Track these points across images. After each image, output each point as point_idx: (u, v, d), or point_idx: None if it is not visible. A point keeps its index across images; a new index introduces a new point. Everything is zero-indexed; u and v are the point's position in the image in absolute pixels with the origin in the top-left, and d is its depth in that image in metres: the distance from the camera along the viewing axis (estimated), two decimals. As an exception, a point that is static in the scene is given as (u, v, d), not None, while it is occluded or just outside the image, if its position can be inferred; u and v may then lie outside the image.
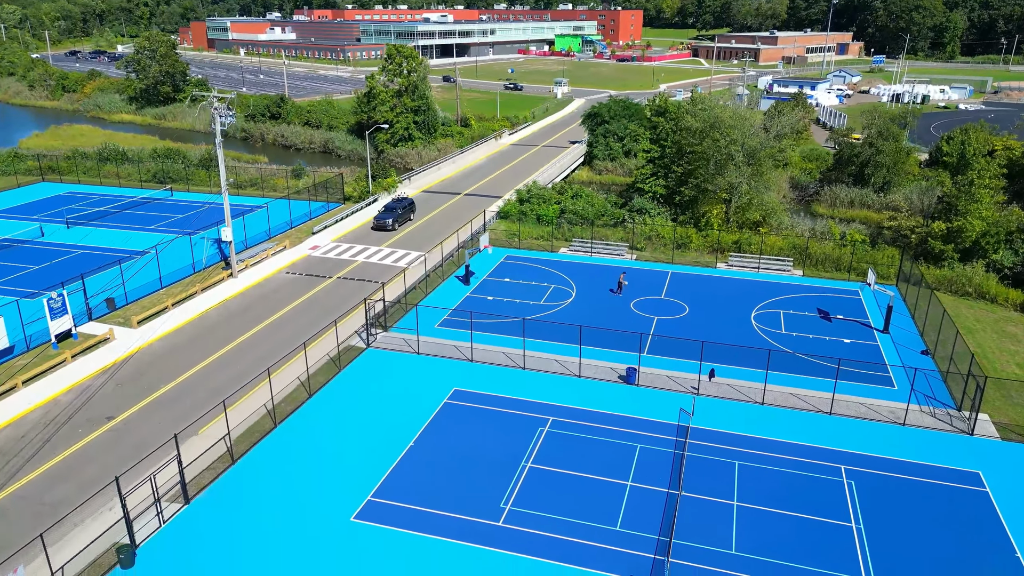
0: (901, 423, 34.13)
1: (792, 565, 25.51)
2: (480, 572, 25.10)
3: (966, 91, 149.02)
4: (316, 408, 35.23)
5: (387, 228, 61.13)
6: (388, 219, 61.44)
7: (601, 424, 33.87)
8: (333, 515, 27.87)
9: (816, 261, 54.14)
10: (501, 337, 42.30)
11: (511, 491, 29.26)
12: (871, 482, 29.92)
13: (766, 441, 32.64)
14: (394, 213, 62.20)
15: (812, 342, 41.98)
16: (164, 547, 26.25)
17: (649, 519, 27.79)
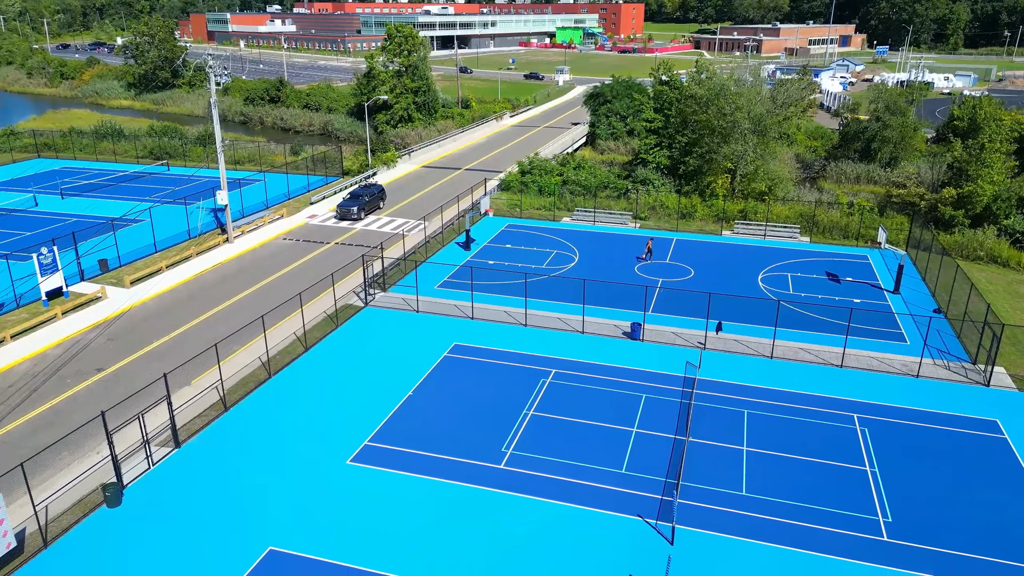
0: (914, 375, 33.10)
1: (806, 506, 24.48)
2: (481, 512, 24.08)
3: (970, 79, 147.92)
4: (312, 361, 34.23)
5: (351, 217, 54.99)
6: (353, 207, 55.10)
7: (605, 376, 32.86)
8: (328, 458, 26.87)
9: (823, 229, 53.12)
10: (502, 297, 41.32)
11: (512, 437, 28.26)
12: (885, 429, 28.89)
13: (775, 392, 31.61)
14: (360, 200, 55.92)
15: (821, 302, 40.94)
16: (153, 488, 25.25)
17: (655, 463, 26.77)
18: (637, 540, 22.89)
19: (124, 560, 21.92)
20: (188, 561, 21.87)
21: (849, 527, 23.50)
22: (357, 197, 56.06)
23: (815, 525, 23.58)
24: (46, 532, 23.03)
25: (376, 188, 58.64)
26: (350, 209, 54.89)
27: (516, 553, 22.28)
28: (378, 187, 59.01)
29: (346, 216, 54.95)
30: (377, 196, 58.17)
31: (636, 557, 22.20)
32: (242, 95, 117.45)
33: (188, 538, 22.82)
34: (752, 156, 56.26)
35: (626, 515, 24.01)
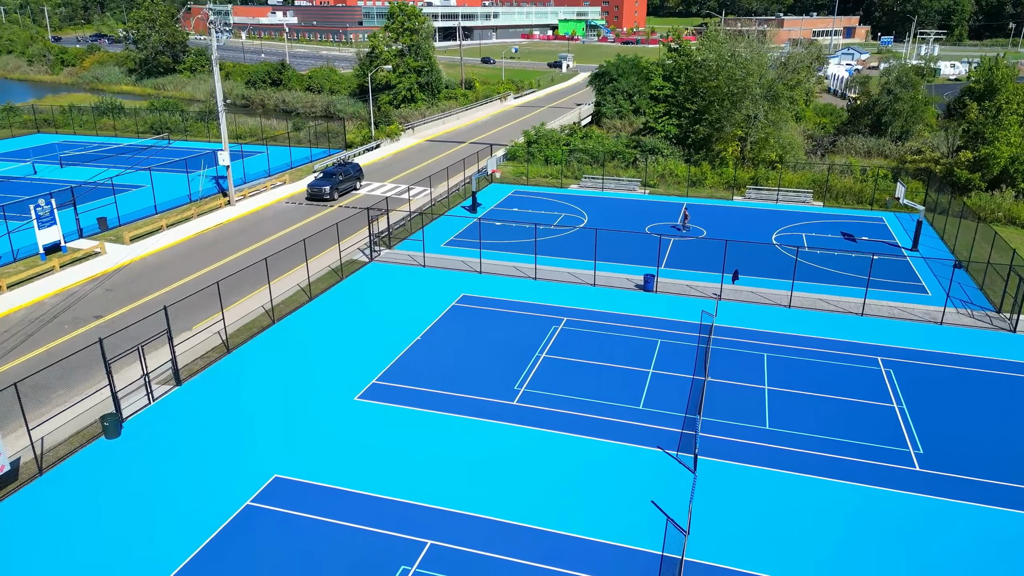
0: (938, 323, 32.09)
1: (833, 439, 23.48)
2: (495, 444, 23.08)
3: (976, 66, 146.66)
4: (316, 309, 33.26)
5: (323, 198, 50.10)
6: (325, 186, 49.99)
7: (618, 323, 31.87)
8: (335, 396, 25.90)
9: (836, 194, 52.11)
10: (510, 254, 40.37)
11: (525, 377, 27.27)
12: (911, 371, 27.89)
13: (795, 337, 30.62)
14: (333, 180, 50.65)
15: (838, 259, 39.94)
16: (153, 421, 24.28)
17: (674, 400, 25.78)
18: (658, 469, 21.90)
19: (123, 486, 20.95)
20: (190, 488, 20.90)
21: (879, 458, 22.51)
22: (330, 176, 51.13)
23: (844, 456, 22.59)
24: (41, 461, 22.05)
25: (352, 167, 53.71)
26: (321, 189, 49.99)
27: (531, 481, 21.29)
28: (354, 166, 54.16)
29: (317, 196, 50.15)
30: (353, 176, 53.13)
31: (657, 485, 21.21)
32: (243, 78, 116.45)
33: (190, 467, 21.85)
34: (763, 123, 55.24)
35: (646, 446, 23.02)
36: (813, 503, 20.41)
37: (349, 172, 52.69)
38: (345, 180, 51.92)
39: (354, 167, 53.74)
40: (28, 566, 18.00)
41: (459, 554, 18.49)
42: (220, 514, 19.83)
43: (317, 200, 50.35)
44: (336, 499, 20.50)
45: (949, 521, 19.80)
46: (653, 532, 19.30)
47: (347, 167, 52.94)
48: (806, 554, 18.50)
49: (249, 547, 18.65)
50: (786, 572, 17.93)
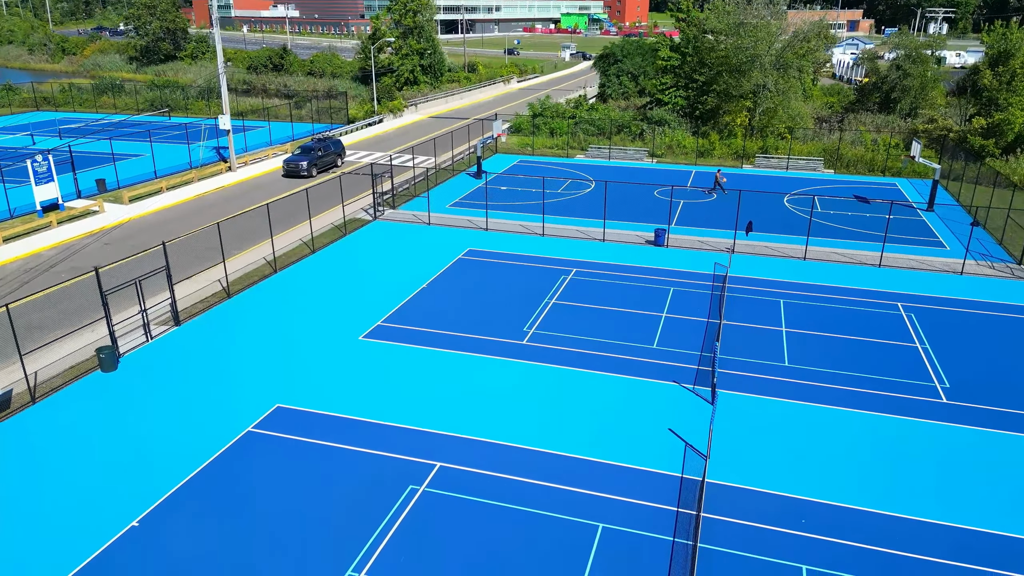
0: (958, 273, 31.23)
1: (856, 374, 22.62)
2: (503, 378, 22.21)
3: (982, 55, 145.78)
4: (319, 261, 32.45)
5: (300, 174, 46.77)
6: (302, 161, 46.70)
7: (629, 274, 31.03)
8: (339, 336, 25.06)
9: (847, 163, 51.23)
10: (517, 214, 39.55)
11: (534, 319, 26.43)
12: (933, 315, 27.02)
13: (811, 285, 29.77)
14: (311, 155, 47.35)
15: (852, 218, 39.10)
16: (151, 357, 23.45)
17: (689, 339, 24.94)
18: (675, 402, 21.04)
19: (119, 415, 20.11)
20: (188, 417, 20.06)
21: (904, 391, 21.65)
22: (308, 151, 47.84)
23: (867, 389, 21.73)
24: (35, 391, 21.22)
25: (333, 143, 50.25)
26: (299, 164, 46.63)
27: (543, 412, 20.43)
28: (335, 142, 50.66)
29: (293, 173, 46.81)
30: (334, 152, 49.66)
31: (675, 415, 20.35)
32: (245, 64, 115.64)
33: (189, 398, 21.02)
34: (772, 92, 54.36)
35: (661, 380, 22.16)
36: (836, 431, 19.56)
37: (329, 148, 49.34)
38: (325, 156, 48.64)
39: (335, 143, 50.32)
40: (18, 488, 17.17)
41: (470, 475, 17.65)
42: (219, 440, 19.01)
43: (294, 176, 46.94)
44: (341, 426, 19.68)
45: (978, 448, 18.93)
46: (671, 458, 18.45)
47: (327, 142, 49.51)
48: (831, 477, 17.66)
49: (250, 468, 17.82)
50: (811, 493, 17.07)
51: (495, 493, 17.00)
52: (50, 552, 15.11)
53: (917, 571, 14.77)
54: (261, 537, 15.55)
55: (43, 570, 14.65)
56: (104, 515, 16.18)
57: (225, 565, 14.78)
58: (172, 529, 15.79)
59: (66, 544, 15.32)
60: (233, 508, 16.43)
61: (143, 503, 16.59)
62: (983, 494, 17.11)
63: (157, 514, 16.26)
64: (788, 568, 14.81)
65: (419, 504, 16.64)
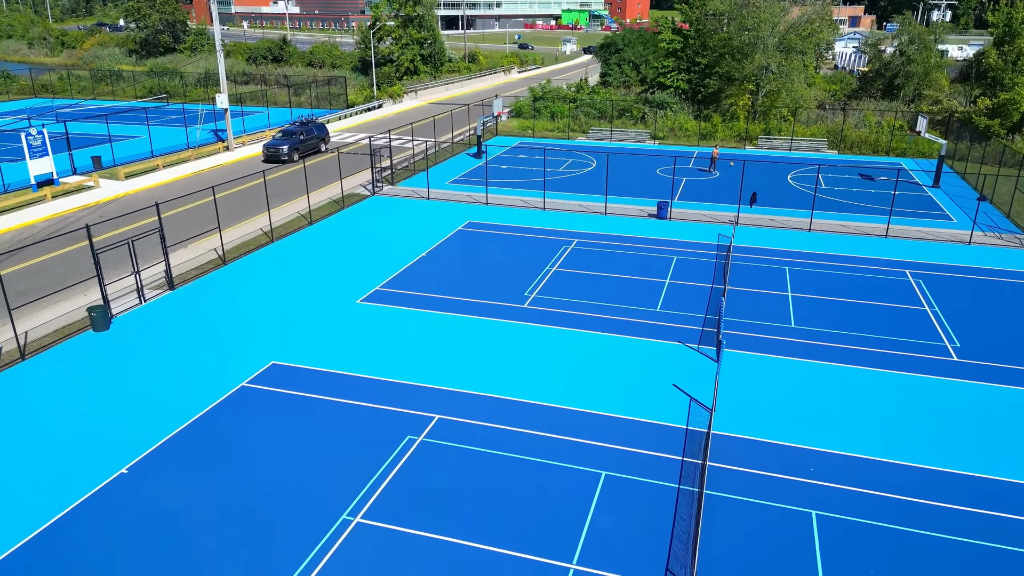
0: (966, 243, 30.73)
1: (865, 335, 22.12)
2: (505, 340, 21.69)
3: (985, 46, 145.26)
4: (317, 232, 31.97)
5: (281, 159, 44.29)
6: (282, 146, 44.19)
7: (632, 244, 30.53)
8: (336, 300, 24.56)
9: (851, 144, 50.73)
10: (518, 191, 39.05)
11: (535, 285, 25.94)
12: (942, 281, 26.52)
13: (817, 254, 29.29)
14: (292, 139, 44.86)
15: (857, 194, 38.59)
16: (143, 318, 22.95)
17: (693, 303, 24.44)
18: (679, 360, 20.54)
19: (110, 372, 19.62)
20: (180, 374, 19.57)
21: (915, 351, 21.14)
22: (289, 135, 45.31)
23: (877, 349, 21.22)
24: (24, 348, 20.73)
25: (316, 127, 47.75)
26: (279, 149, 44.12)
27: (545, 370, 19.93)
28: (319, 126, 48.15)
29: (274, 157, 44.40)
30: (317, 137, 47.14)
31: (679, 373, 19.85)
32: (244, 55, 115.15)
33: (181, 357, 20.52)
34: (775, 75, 53.85)
35: (665, 341, 21.66)
36: (845, 387, 19.06)
37: (312, 132, 46.86)
38: (308, 140, 46.02)
39: (318, 127, 47.96)
40: (3, 438, 16.67)
41: (469, 426, 17.16)
42: (211, 394, 18.51)
43: (274, 161, 44.61)
44: (338, 381, 19.18)
45: (988, 402, 18.42)
46: (676, 411, 17.94)
47: (310, 126, 47.12)
48: (840, 429, 17.16)
49: (243, 420, 17.33)
50: (819, 444, 16.57)
51: (494, 443, 16.51)
52: (35, 498, 14.62)
53: (928, 516, 14.28)
54: (254, 483, 15.05)
55: (28, 515, 14.15)
56: (91, 464, 15.69)
57: (217, 509, 14.29)
58: (162, 476, 15.30)
59: (52, 491, 14.83)
60: (226, 457, 15.94)
61: (132, 453, 16.10)
62: (994, 444, 16.61)
63: (147, 462, 15.77)
64: (798, 513, 14.32)
65: (417, 453, 16.14)
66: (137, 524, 13.88)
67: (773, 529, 13.86)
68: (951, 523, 14.05)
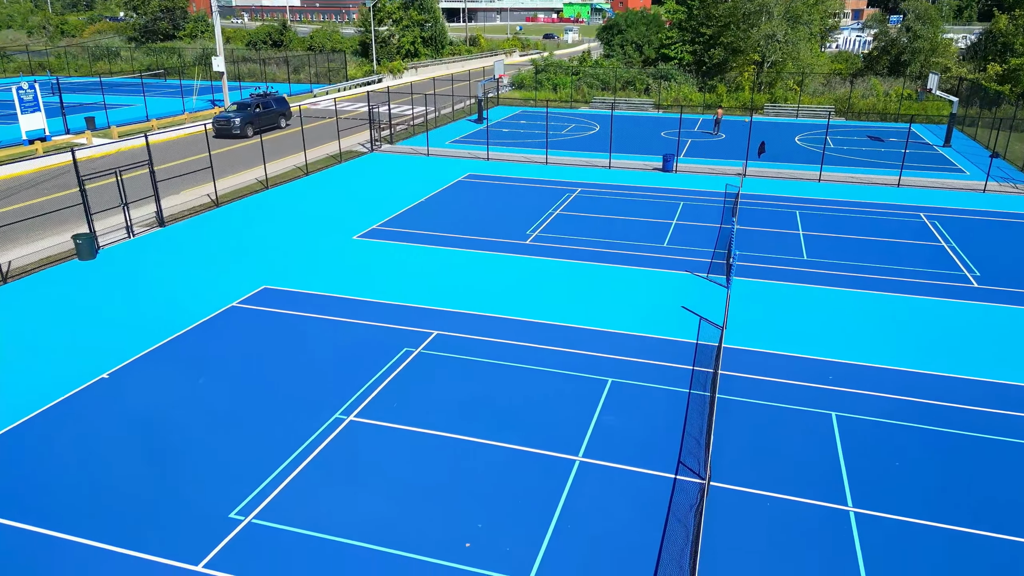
0: (981, 191, 29.88)
1: (881, 265, 21.27)
2: (507, 270, 20.85)
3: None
4: (313, 180, 31.15)
5: (233, 132, 39.41)
6: (234, 119, 39.29)
7: (637, 192, 29.70)
8: (331, 235, 23.74)
9: (859, 112, 49.87)
10: (520, 149, 38.22)
11: (538, 225, 25.12)
12: (958, 222, 25.68)
13: (829, 200, 28.45)
14: (245, 112, 40.00)
15: (866, 152, 37.74)
16: (132, 249, 22.14)
17: (701, 239, 23.59)
18: (687, 287, 19.69)
19: (95, 294, 18.80)
20: (169, 297, 18.74)
21: (934, 279, 20.29)
22: (244, 108, 40.48)
23: (895, 277, 20.37)
24: (7, 273, 19.91)
25: (276, 100, 42.83)
26: (230, 122, 39.31)
27: (548, 294, 19.09)
28: (279, 99, 43.21)
29: (225, 131, 39.47)
30: (276, 111, 42.35)
31: (688, 298, 19.00)
32: (243, 41, 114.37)
33: (170, 282, 19.70)
34: (781, 44, 52.99)
35: (673, 271, 20.83)
36: (864, 310, 18.22)
37: (271, 106, 42.04)
38: (265, 114, 41.31)
39: (278, 100, 43.05)
40: (-20, 343, 15.86)
41: (470, 340, 16.32)
42: (199, 314, 17.67)
43: (225, 136, 39.64)
44: (332, 302, 18.37)
45: (1012, 322, 17.55)
46: (686, 329, 17.09)
47: (268, 99, 42.39)
48: (859, 344, 16.30)
49: (232, 334, 16.50)
50: (837, 356, 15.71)
51: (496, 355, 15.68)
52: (9, 398, 13.78)
53: (951, 415, 13.43)
54: (241, 389, 14.23)
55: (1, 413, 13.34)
56: (69, 371, 14.87)
57: (200, 410, 13.46)
58: (143, 381, 14.48)
59: (24, 394, 14.00)
60: (212, 366, 15.12)
61: (113, 362, 15.27)
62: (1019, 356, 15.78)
63: (128, 369, 14.94)
64: (817, 415, 13.47)
65: (416, 362, 15.32)
66: (115, 422, 13.06)
67: (791, 428, 13.02)
68: (974, 422, 13.21)
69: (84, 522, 10.54)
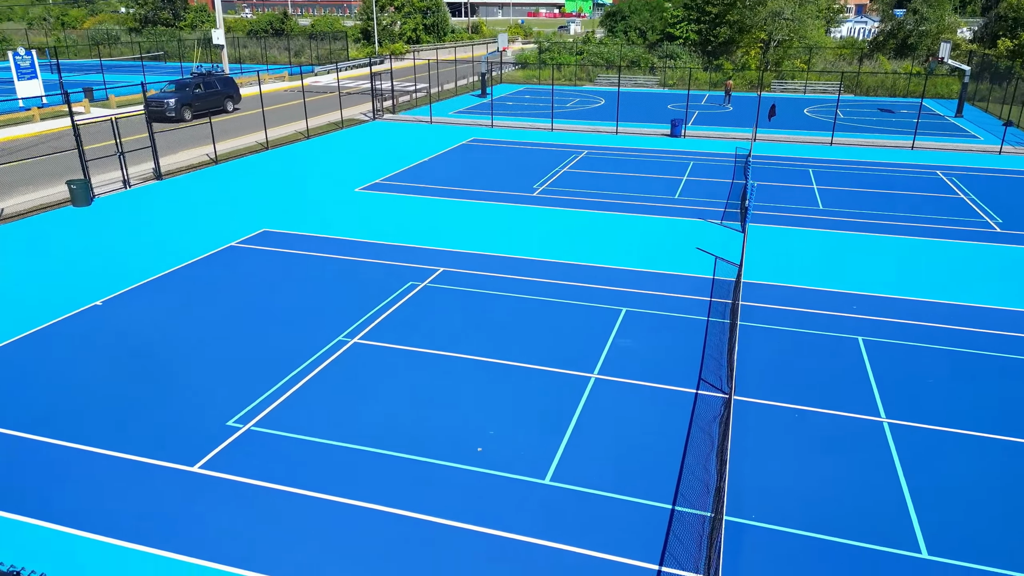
0: (997, 152, 29.24)
1: (899, 213, 20.64)
2: (514, 218, 20.24)
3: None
4: (314, 143, 30.54)
5: (167, 115, 33.70)
6: (168, 100, 33.91)
7: (646, 155, 29.06)
8: (332, 188, 23.13)
9: (867, 88, 49.21)
10: (525, 119, 37.59)
11: (544, 180, 24.49)
12: (975, 179, 25.03)
13: (843, 160, 27.80)
14: (184, 93, 34.80)
15: (877, 122, 37.08)
16: (128, 198, 21.55)
17: (712, 192, 22.97)
18: (701, 231, 19.07)
19: (89, 237, 18.19)
20: (165, 239, 18.12)
21: (956, 225, 19.66)
22: (182, 88, 35.27)
23: (916, 224, 19.74)
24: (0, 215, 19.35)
25: (221, 80, 37.56)
26: (163, 103, 33.75)
27: (556, 237, 18.48)
28: (225, 79, 37.94)
29: (158, 115, 33.15)
30: (222, 93, 37.05)
31: (702, 240, 18.38)
32: (245, 30, 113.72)
33: (166, 226, 19.10)
34: (788, 21, 52.31)
35: (685, 218, 20.21)
36: (885, 252, 17.58)
37: (214, 87, 36.65)
38: (207, 96, 35.94)
39: (224, 81, 37.63)
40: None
41: (479, 276, 15.70)
42: (196, 252, 17.06)
43: (159, 119, 33.15)
44: (335, 243, 17.77)
45: (1048, 260, 16.94)
46: (701, 266, 16.47)
47: (211, 79, 36.94)
48: (884, 281, 15.66)
49: (231, 269, 15.90)
50: (861, 289, 15.08)
51: (505, 288, 15.06)
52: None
53: (977, 340, 12.81)
54: (241, 317, 13.63)
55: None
56: (63, 300, 14.26)
57: (197, 335, 12.86)
58: (138, 308, 13.87)
59: (14, 319, 13.40)
60: (209, 297, 14.52)
61: (107, 292, 14.67)
62: (1057, 289, 15.14)
63: (123, 298, 14.34)
64: (844, 339, 12.85)
65: (422, 293, 14.71)
66: (110, 343, 12.46)
67: (817, 351, 12.40)
68: (1002, 344, 12.57)
69: (72, 428, 9.95)
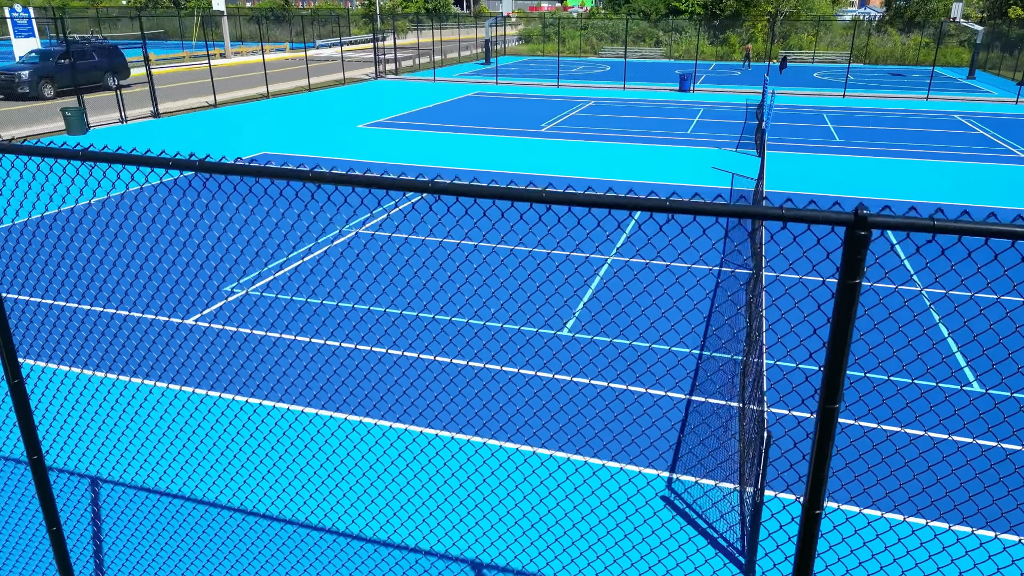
0: (1013, 103, 28.56)
1: (922, 144, 19.97)
2: (522, 150, 19.60)
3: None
4: (316, 95, 29.91)
5: (17, 91, 26.86)
6: (22, 72, 26.98)
7: (655, 105, 28.41)
8: (333, 126, 22.49)
9: (876, 58, 48.52)
10: (531, 79, 36.95)
11: (552, 121, 23.84)
12: (994, 121, 24.34)
13: (857, 108, 27.12)
14: (46, 64, 27.64)
15: (888, 81, 36.40)
16: (124, 130, 20.91)
17: (725, 130, 22.31)
18: (716, 158, 18.42)
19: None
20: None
21: (979, 152, 19.00)
22: (45, 57, 27.92)
23: (939, 151, 19.08)
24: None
25: (102, 50, 30.34)
26: (14, 76, 26.95)
27: (566, 162, 17.82)
28: (110, 49, 30.89)
29: (6, 89, 26.99)
30: (99, 66, 29.32)
31: (719, 161, 17.73)
32: (245, 18, 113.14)
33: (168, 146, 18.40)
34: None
35: (699, 147, 19.55)
36: (907, 172, 16.91)
37: (91, 58, 29.14)
38: (80, 69, 27.64)
39: (109, 51, 30.61)
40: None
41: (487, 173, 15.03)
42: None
43: (9, 96, 27.33)
44: (337, 163, 17.11)
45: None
46: (717, 181, 15.82)
47: (86, 48, 29.82)
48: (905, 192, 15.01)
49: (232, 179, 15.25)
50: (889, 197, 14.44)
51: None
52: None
53: None
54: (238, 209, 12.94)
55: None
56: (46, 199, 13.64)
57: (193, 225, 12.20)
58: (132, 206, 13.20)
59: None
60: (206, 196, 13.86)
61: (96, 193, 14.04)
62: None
63: (115, 198, 13.69)
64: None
65: (429, 199, 14.04)
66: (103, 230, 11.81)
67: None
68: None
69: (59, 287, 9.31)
